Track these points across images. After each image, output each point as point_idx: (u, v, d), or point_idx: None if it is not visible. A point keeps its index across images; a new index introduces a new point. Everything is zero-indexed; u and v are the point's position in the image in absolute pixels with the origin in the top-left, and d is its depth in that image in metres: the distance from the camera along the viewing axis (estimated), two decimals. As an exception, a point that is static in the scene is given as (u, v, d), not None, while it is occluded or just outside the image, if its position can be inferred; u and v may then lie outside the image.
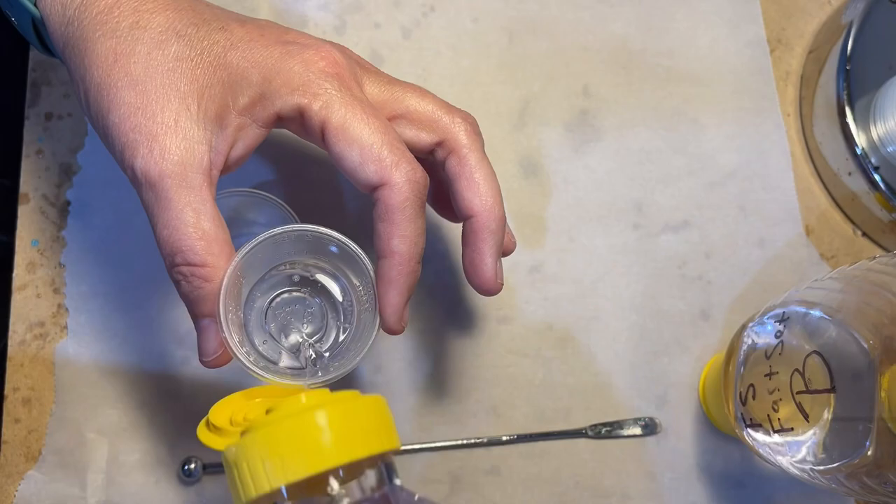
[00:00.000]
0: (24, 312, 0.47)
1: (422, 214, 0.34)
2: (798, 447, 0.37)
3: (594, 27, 0.53)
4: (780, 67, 0.54)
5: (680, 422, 0.48)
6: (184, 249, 0.33)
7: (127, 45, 0.33)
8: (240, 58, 0.34)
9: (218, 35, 0.34)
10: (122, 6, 0.34)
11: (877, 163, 0.49)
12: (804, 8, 0.55)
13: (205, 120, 0.33)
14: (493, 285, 0.36)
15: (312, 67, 0.34)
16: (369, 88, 0.36)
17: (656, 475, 0.47)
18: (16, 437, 0.45)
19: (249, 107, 0.34)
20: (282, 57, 0.34)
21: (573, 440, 0.47)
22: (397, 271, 0.34)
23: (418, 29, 0.52)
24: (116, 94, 0.33)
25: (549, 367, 0.48)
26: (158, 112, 0.33)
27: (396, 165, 0.33)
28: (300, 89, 0.33)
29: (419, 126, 0.37)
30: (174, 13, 0.34)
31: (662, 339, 0.49)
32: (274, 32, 0.35)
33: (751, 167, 0.52)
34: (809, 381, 0.35)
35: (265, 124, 0.34)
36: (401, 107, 0.37)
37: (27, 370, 0.46)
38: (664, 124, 0.52)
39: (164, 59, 0.33)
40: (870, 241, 0.52)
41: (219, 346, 0.35)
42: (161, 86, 0.33)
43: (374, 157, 0.33)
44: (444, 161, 0.37)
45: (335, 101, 0.33)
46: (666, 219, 0.51)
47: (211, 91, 0.33)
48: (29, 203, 0.48)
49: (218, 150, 0.34)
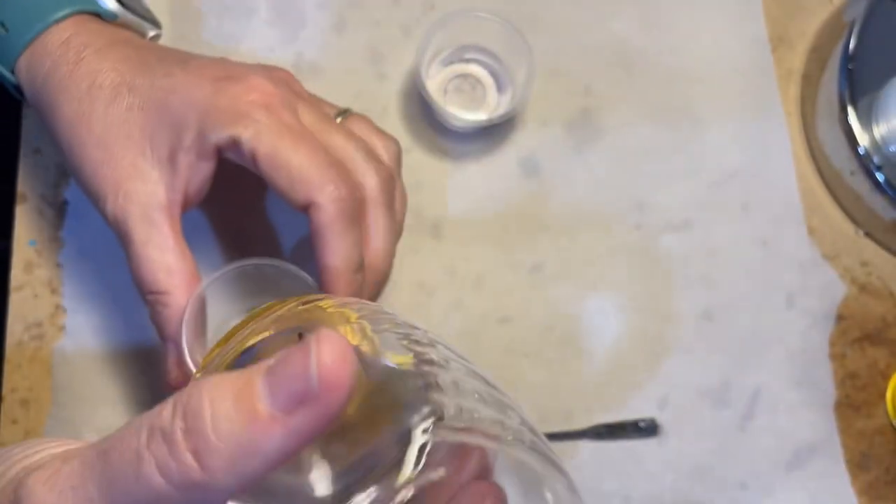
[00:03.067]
0: (21, 313, 0.46)
1: (351, 230, 0.37)
2: None
3: (595, 25, 0.52)
4: (782, 66, 0.53)
5: (681, 423, 0.48)
6: (148, 280, 0.37)
7: (87, 105, 0.38)
8: (179, 101, 0.37)
9: (162, 81, 0.38)
10: (81, 69, 0.38)
11: (879, 162, 0.48)
12: (806, 6, 0.54)
13: (159, 162, 0.37)
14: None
15: (242, 100, 0.37)
16: (305, 117, 0.39)
17: (657, 476, 0.47)
18: (13, 437, 0.45)
19: (193, 144, 0.37)
20: (214, 94, 0.37)
21: (574, 441, 0.47)
22: (332, 285, 0.37)
23: (418, 27, 0.51)
24: (83, 152, 0.38)
25: (549, 367, 0.48)
26: (119, 161, 0.37)
27: (321, 187, 0.36)
28: (231, 122, 0.36)
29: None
30: (125, 66, 0.39)
31: (664, 340, 0.49)
32: (212, 71, 0.38)
33: (752, 166, 0.51)
34: None
35: (209, 157, 0.37)
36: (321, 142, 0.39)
37: (25, 371, 0.46)
38: (665, 123, 0.52)
39: (119, 112, 0.38)
40: (872, 241, 0.51)
41: (177, 367, 0.38)
42: (118, 137, 0.37)
43: (302, 180, 0.36)
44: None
45: (263, 130, 0.36)
46: (667, 218, 0.50)
47: (160, 135, 0.37)
48: (26, 203, 0.48)
49: (174, 187, 0.37)
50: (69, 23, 0.40)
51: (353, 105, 0.50)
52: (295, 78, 0.41)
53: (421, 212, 0.49)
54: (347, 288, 0.37)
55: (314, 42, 0.51)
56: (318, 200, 0.36)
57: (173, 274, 0.37)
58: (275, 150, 0.36)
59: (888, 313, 0.50)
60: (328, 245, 0.37)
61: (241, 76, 0.38)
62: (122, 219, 0.37)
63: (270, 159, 0.36)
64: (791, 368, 0.49)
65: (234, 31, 0.50)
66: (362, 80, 0.51)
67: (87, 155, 0.38)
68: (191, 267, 0.38)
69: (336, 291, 0.37)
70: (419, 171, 0.50)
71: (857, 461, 0.49)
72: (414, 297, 0.48)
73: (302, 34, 0.51)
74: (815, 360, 0.49)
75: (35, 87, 0.40)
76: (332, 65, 0.50)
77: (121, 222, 0.37)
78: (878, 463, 0.49)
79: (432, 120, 0.50)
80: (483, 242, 0.49)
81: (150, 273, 0.37)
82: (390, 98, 0.51)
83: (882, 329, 0.50)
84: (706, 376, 0.49)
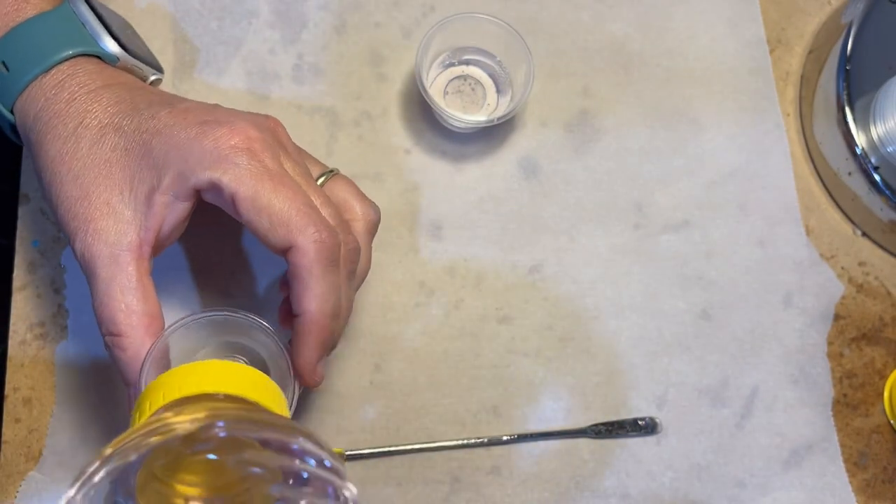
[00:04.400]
0: (24, 312, 0.47)
1: (331, 273, 0.36)
2: None
3: (593, 27, 0.53)
4: (780, 67, 0.54)
5: (680, 421, 0.48)
6: (106, 320, 0.37)
7: (71, 144, 0.38)
8: (162, 143, 0.37)
9: (148, 123, 0.38)
10: (71, 109, 0.39)
11: (877, 163, 0.49)
12: (804, 8, 0.55)
13: (136, 202, 0.37)
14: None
15: (223, 144, 0.36)
16: (287, 165, 0.38)
17: (656, 475, 0.48)
18: (16, 436, 0.45)
19: (171, 185, 0.37)
20: (196, 137, 0.37)
21: (573, 440, 0.47)
22: (308, 329, 0.36)
23: (418, 29, 0.52)
24: (61, 189, 0.38)
25: (549, 366, 0.48)
26: (94, 199, 0.37)
27: (302, 229, 0.35)
28: (212, 166, 0.36)
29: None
30: (114, 108, 0.39)
31: (663, 339, 0.49)
32: (196, 114, 0.38)
33: (751, 167, 0.52)
34: None
35: (186, 199, 0.37)
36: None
37: (28, 370, 0.46)
38: (664, 124, 0.52)
39: (102, 152, 0.38)
40: (870, 241, 0.52)
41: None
42: (97, 176, 0.37)
43: (282, 223, 0.36)
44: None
45: (244, 174, 0.36)
46: (666, 218, 0.51)
47: (140, 175, 0.37)
48: (29, 203, 0.48)
49: (147, 227, 0.37)
50: (68, 65, 0.40)
51: (353, 106, 0.50)
52: (283, 127, 0.41)
53: (421, 212, 0.49)
54: (321, 335, 0.37)
55: (315, 44, 0.51)
56: (297, 242, 0.35)
57: (132, 316, 0.36)
58: (255, 193, 0.35)
59: (885, 313, 0.51)
60: (306, 288, 0.36)
61: (225, 121, 0.37)
62: (87, 257, 0.37)
63: (251, 202, 0.35)
64: (789, 367, 0.49)
65: (236, 33, 0.51)
66: (363, 81, 0.51)
67: (64, 192, 0.38)
68: (152, 310, 0.37)
69: (310, 339, 0.36)
70: (419, 172, 0.50)
71: (854, 460, 0.49)
72: (414, 297, 0.48)
73: (303, 36, 0.51)
74: (813, 360, 0.50)
75: (26, 125, 0.40)
76: (333, 66, 0.51)
77: (87, 260, 0.37)
78: (875, 461, 0.49)
79: (432, 121, 0.50)
80: (483, 242, 0.49)
81: (109, 313, 0.36)
82: (390, 99, 0.51)
83: (879, 328, 0.50)
84: (704, 375, 0.49)
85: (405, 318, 0.48)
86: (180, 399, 0.30)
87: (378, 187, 0.49)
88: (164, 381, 0.31)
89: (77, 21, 0.41)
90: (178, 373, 0.32)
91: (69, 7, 0.41)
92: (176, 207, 0.37)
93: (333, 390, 0.47)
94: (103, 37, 0.41)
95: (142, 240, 0.37)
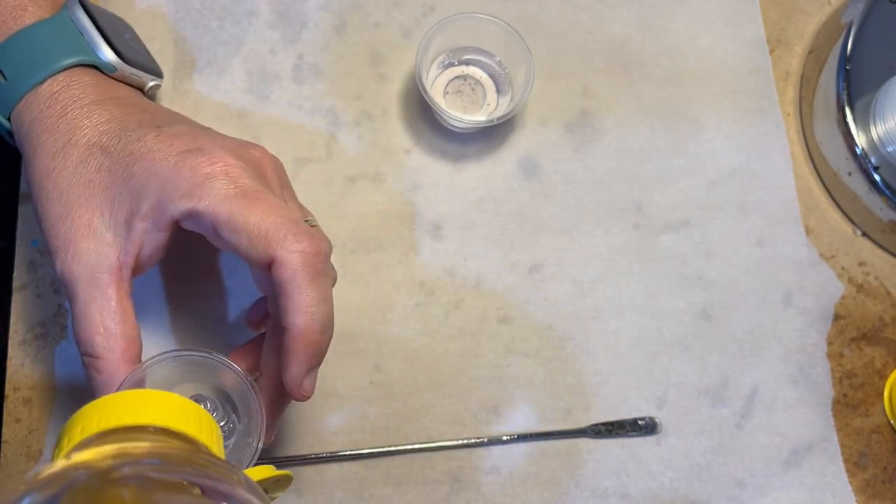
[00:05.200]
0: (24, 312, 0.47)
1: (318, 284, 0.35)
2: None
3: (593, 27, 0.53)
4: (780, 67, 0.54)
5: (680, 421, 0.48)
6: (83, 342, 0.36)
7: (59, 160, 0.38)
8: (142, 169, 0.37)
9: (133, 146, 0.37)
10: (62, 125, 0.38)
11: (877, 163, 0.49)
12: (804, 8, 0.55)
13: (115, 224, 0.37)
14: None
15: (199, 173, 0.36)
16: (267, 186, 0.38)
17: (656, 475, 0.48)
18: (16, 436, 0.45)
19: (149, 213, 0.36)
20: (175, 166, 0.36)
21: (573, 440, 0.47)
22: (295, 344, 0.35)
23: (418, 29, 0.52)
24: (45, 206, 0.38)
25: (549, 366, 0.48)
26: (76, 219, 0.37)
27: (281, 242, 0.35)
28: (188, 195, 0.36)
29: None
30: (105, 126, 0.38)
31: (663, 339, 0.49)
32: (183, 141, 0.37)
33: (750, 167, 0.52)
34: None
35: (165, 229, 0.37)
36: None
37: (28, 370, 0.46)
38: (664, 124, 0.52)
39: (87, 171, 0.38)
40: (870, 241, 0.52)
41: None
42: (80, 196, 0.37)
43: (260, 237, 0.35)
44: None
45: (220, 198, 0.35)
46: (666, 218, 0.51)
47: (121, 198, 0.37)
48: (30, 203, 0.48)
49: (127, 251, 0.37)
50: (65, 75, 0.39)
51: (353, 106, 0.50)
52: (271, 158, 0.40)
53: (421, 212, 0.49)
54: (308, 349, 0.35)
55: (315, 44, 0.51)
56: (278, 255, 0.35)
57: (110, 339, 0.36)
58: (230, 213, 0.35)
59: (885, 313, 0.51)
60: (291, 301, 0.35)
61: (207, 150, 0.37)
62: (67, 277, 0.37)
63: (228, 223, 0.35)
64: (789, 367, 0.49)
65: (236, 33, 0.51)
66: (363, 81, 0.51)
67: (48, 209, 0.38)
68: (130, 333, 0.37)
69: (298, 354, 0.35)
70: (419, 172, 0.50)
71: (854, 460, 0.49)
72: (414, 297, 0.48)
73: (303, 36, 0.51)
74: (813, 360, 0.50)
75: (21, 134, 0.39)
76: (333, 66, 0.51)
77: (67, 281, 0.37)
78: (875, 461, 0.49)
79: (432, 121, 0.50)
80: (483, 242, 0.49)
81: (87, 335, 0.36)
82: (391, 99, 0.51)
83: (879, 328, 0.51)
84: (704, 375, 0.49)
85: (405, 318, 0.48)
86: (101, 433, 0.28)
87: (378, 187, 0.49)
88: (84, 414, 0.29)
89: (75, 29, 0.41)
90: (100, 404, 0.29)
91: (67, 15, 0.41)
92: (154, 235, 0.37)
93: (333, 390, 0.47)
94: (101, 46, 0.41)
95: (121, 263, 0.37)
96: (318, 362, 0.37)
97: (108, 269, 0.37)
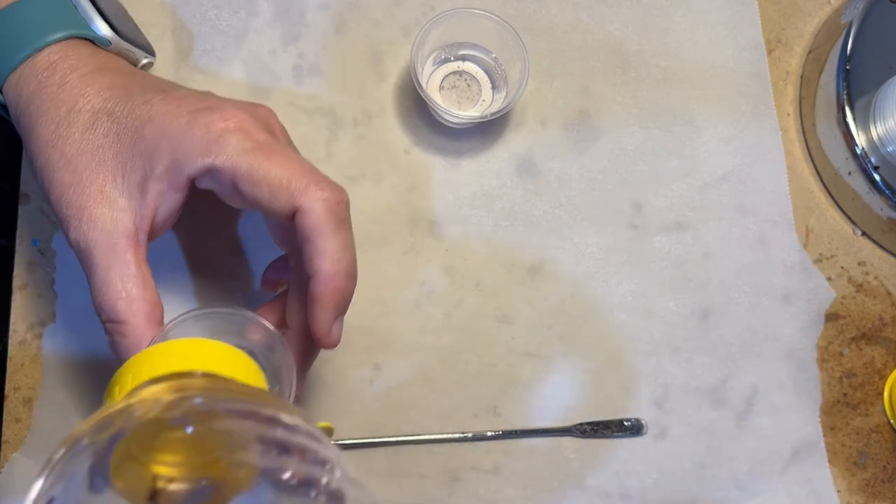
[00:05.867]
0: (24, 312, 0.47)
1: (341, 231, 0.36)
2: None
3: (592, 27, 0.53)
4: (780, 67, 0.54)
5: (677, 422, 0.48)
6: (106, 308, 0.36)
7: (64, 128, 0.37)
8: (153, 130, 0.37)
9: (141, 109, 0.37)
10: (63, 93, 0.38)
11: (877, 162, 0.49)
12: (804, 8, 0.54)
13: (129, 189, 0.37)
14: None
15: (214, 129, 0.36)
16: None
17: (642, 476, 0.48)
18: (16, 436, 0.45)
19: (164, 174, 0.36)
20: (188, 125, 0.36)
21: (559, 438, 0.47)
22: (322, 290, 0.36)
23: (418, 28, 0.51)
24: (53, 174, 0.37)
25: (548, 366, 0.48)
26: (87, 186, 0.37)
27: (304, 190, 0.35)
28: (204, 152, 0.36)
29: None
30: (107, 92, 0.38)
31: (660, 340, 0.49)
32: (190, 102, 0.38)
33: (745, 170, 0.52)
34: None
35: (180, 189, 0.37)
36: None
37: (28, 370, 0.46)
38: (660, 125, 0.52)
39: (95, 137, 0.37)
40: (870, 241, 0.52)
41: None
42: (90, 162, 0.37)
43: (282, 189, 0.35)
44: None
45: (238, 153, 0.36)
46: (661, 220, 0.51)
47: (133, 162, 0.37)
48: (30, 203, 0.48)
49: (142, 215, 0.37)
50: (60, 46, 0.39)
51: (353, 105, 0.50)
52: (276, 118, 0.41)
53: (420, 211, 0.49)
54: (336, 295, 0.36)
55: (315, 43, 0.51)
56: (302, 204, 0.35)
57: (133, 303, 0.36)
58: (250, 167, 0.35)
59: (885, 312, 0.51)
60: (317, 248, 0.35)
61: (217, 107, 0.37)
62: (84, 245, 0.36)
63: (248, 176, 0.35)
64: (787, 367, 0.49)
65: (237, 32, 0.50)
66: (362, 80, 0.51)
67: (56, 178, 0.37)
68: (152, 297, 0.37)
69: (325, 301, 0.36)
70: (419, 171, 0.50)
71: (854, 459, 0.49)
72: (413, 296, 0.48)
73: (303, 35, 0.51)
74: (811, 360, 0.50)
75: (18, 107, 0.39)
76: (333, 65, 0.51)
77: (83, 248, 0.36)
78: (874, 461, 0.49)
79: (430, 119, 0.50)
80: (483, 242, 0.49)
81: (109, 301, 0.36)
82: (390, 98, 0.51)
83: (879, 328, 0.50)
84: (702, 376, 0.49)
85: (405, 317, 0.48)
86: (153, 379, 0.29)
87: (377, 186, 0.49)
88: (134, 363, 0.30)
89: (69, 3, 0.41)
90: (149, 354, 0.30)
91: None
92: (169, 196, 0.37)
93: (332, 390, 0.47)
94: (95, 19, 0.41)
95: (137, 227, 0.37)
96: (345, 309, 0.37)
97: (125, 235, 0.36)
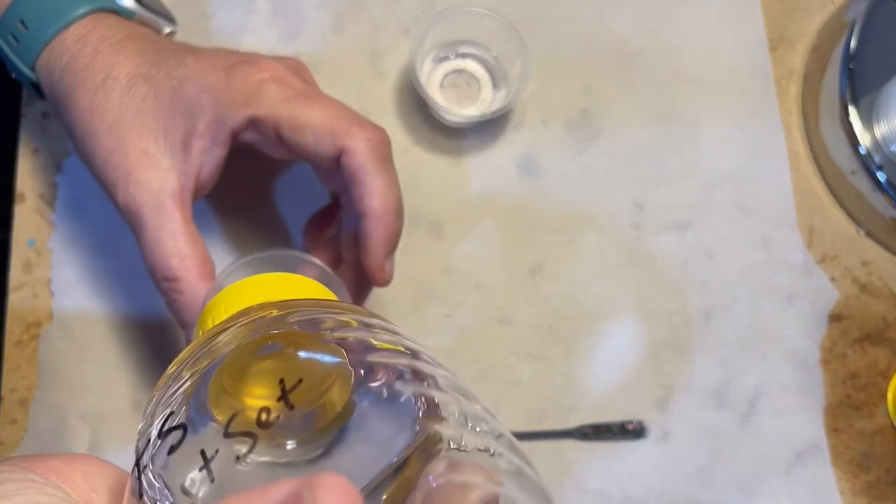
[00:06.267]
0: (20, 313, 0.46)
1: (386, 170, 0.37)
2: None
3: (594, 26, 0.52)
4: (783, 66, 0.53)
5: (680, 423, 0.48)
6: (160, 267, 0.37)
7: (101, 96, 0.38)
8: (192, 88, 0.38)
9: (176, 71, 0.38)
10: (98, 62, 0.39)
11: (881, 162, 0.48)
12: (806, 6, 0.54)
13: (171, 149, 0.38)
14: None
15: (252, 80, 0.37)
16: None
17: (643, 478, 0.47)
18: (12, 438, 0.45)
19: (206, 130, 0.38)
20: (226, 79, 0.38)
21: (559, 441, 0.47)
22: (373, 227, 0.37)
23: (417, 25, 0.51)
24: (96, 141, 0.38)
25: (548, 367, 0.48)
26: (131, 149, 0.38)
27: (347, 131, 0.36)
28: (245, 103, 0.37)
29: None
30: (140, 58, 0.39)
31: (658, 341, 0.49)
32: (223, 58, 0.39)
33: (749, 169, 0.51)
34: None
35: (223, 143, 0.38)
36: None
37: (24, 371, 0.46)
38: (664, 124, 0.51)
39: (133, 101, 0.38)
40: (874, 241, 0.51)
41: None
42: (131, 126, 0.38)
43: (326, 132, 0.37)
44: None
45: (278, 102, 0.37)
46: (664, 219, 0.50)
47: (174, 122, 0.38)
48: (25, 203, 0.48)
49: (187, 173, 0.38)
50: (87, 20, 0.40)
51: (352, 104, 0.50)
52: (307, 69, 0.42)
53: (420, 211, 0.49)
54: (387, 231, 0.37)
55: (314, 41, 0.51)
56: (346, 145, 0.36)
57: (186, 259, 0.37)
58: (292, 114, 0.36)
59: (889, 313, 0.50)
60: (365, 187, 0.37)
61: (252, 60, 0.38)
62: (132, 207, 0.37)
63: (291, 123, 0.36)
64: (790, 369, 0.49)
65: (235, 31, 0.50)
66: (362, 79, 0.50)
67: (98, 143, 0.38)
68: (202, 252, 0.38)
69: (377, 236, 0.37)
70: (419, 171, 0.50)
71: (857, 461, 0.48)
72: (414, 296, 0.48)
73: (302, 33, 0.51)
74: (815, 361, 0.49)
75: (52, 81, 0.40)
76: (332, 64, 0.50)
77: (132, 210, 0.37)
78: (879, 463, 0.49)
79: (430, 118, 0.50)
80: (483, 242, 0.49)
81: (162, 260, 0.37)
82: (390, 97, 0.50)
83: (883, 329, 0.50)
84: (705, 377, 0.49)
85: (405, 318, 0.48)
86: (244, 310, 0.29)
87: (377, 186, 0.49)
88: (224, 296, 0.30)
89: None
90: (237, 287, 0.31)
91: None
92: (213, 152, 0.38)
93: (332, 391, 0.47)
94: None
95: (183, 186, 0.38)
96: (395, 246, 0.39)
97: (172, 194, 0.38)
